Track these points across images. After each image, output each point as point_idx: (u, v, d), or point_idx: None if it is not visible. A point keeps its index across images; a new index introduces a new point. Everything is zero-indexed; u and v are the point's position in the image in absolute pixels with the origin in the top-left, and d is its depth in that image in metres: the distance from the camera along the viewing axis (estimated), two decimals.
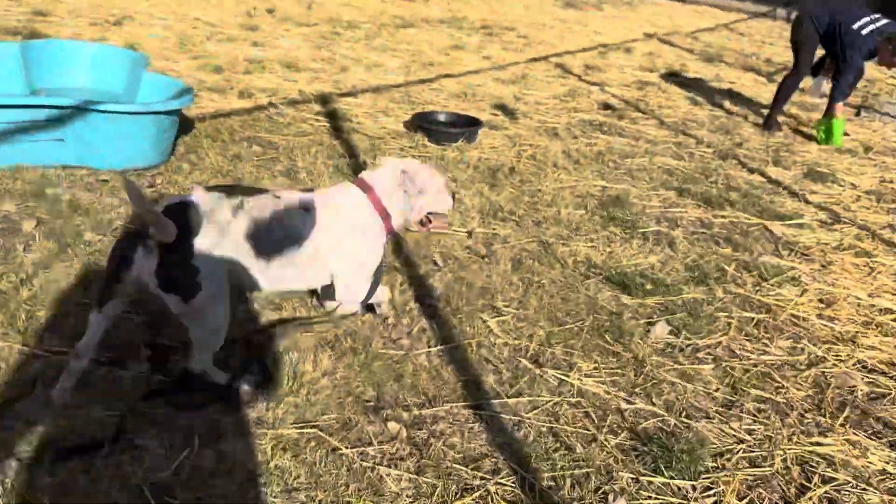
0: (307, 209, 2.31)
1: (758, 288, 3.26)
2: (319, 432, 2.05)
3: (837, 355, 2.78)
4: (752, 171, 4.92)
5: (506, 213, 3.79)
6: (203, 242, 2.02)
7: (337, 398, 2.20)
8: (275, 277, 2.25)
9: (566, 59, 8.03)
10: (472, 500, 1.89)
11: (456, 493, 1.90)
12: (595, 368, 2.54)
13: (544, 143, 5.03)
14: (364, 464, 1.96)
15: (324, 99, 5.26)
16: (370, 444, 2.04)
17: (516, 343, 2.63)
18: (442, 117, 5.05)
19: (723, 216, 4.07)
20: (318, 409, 2.14)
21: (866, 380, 2.64)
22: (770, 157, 5.28)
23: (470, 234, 3.49)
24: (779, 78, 6.35)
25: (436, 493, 1.89)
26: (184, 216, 2.00)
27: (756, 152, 5.38)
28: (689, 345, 2.75)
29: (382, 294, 2.65)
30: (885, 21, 5.58)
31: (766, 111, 6.27)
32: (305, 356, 2.35)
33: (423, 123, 4.80)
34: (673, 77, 7.80)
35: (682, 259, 3.47)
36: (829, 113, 5.82)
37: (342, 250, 2.39)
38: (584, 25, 10.72)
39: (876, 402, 2.52)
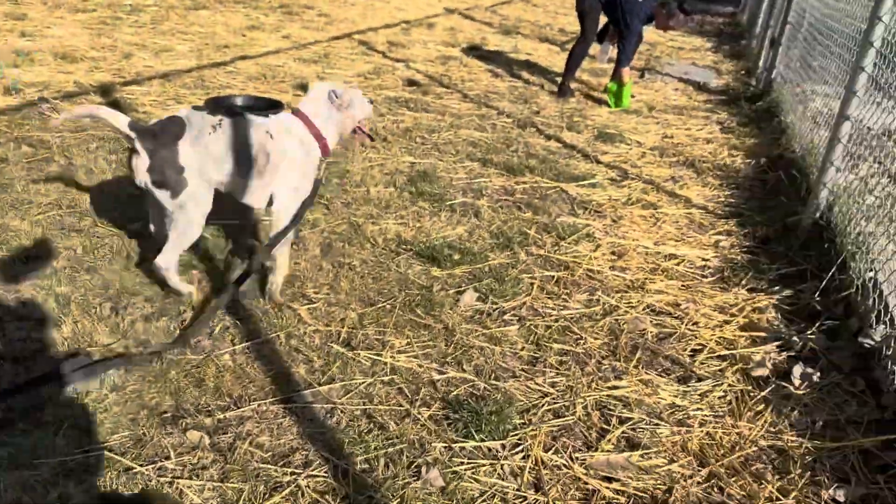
0: (270, 134, 2.64)
1: (556, 247, 3.43)
2: (109, 453, 1.88)
3: (629, 302, 2.99)
4: (548, 137, 5.16)
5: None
6: (187, 148, 2.41)
7: (129, 414, 2.03)
8: (240, 188, 2.62)
9: (369, 37, 7.98)
10: (282, 498, 1.82)
11: (264, 494, 1.83)
12: (408, 344, 2.54)
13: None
14: (162, 479, 1.83)
15: (104, 89, 4.83)
16: (168, 457, 1.90)
17: (328, 329, 2.57)
18: (239, 101, 4.80)
19: (524, 182, 4.24)
20: (107, 429, 1.96)
21: (654, 322, 2.86)
22: (565, 122, 5.58)
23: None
24: (570, 47, 6.70)
25: (242, 497, 1.80)
26: (172, 126, 2.41)
27: (552, 119, 5.66)
28: (496, 309, 2.83)
29: (282, 258, 2.73)
30: None
31: (560, 79, 6.60)
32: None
33: (217, 109, 4.53)
34: (474, 51, 7.99)
35: (488, 227, 3.58)
36: (616, 78, 6.24)
37: (286, 172, 2.69)
38: (386, 2, 10.69)
39: (664, 341, 2.75)
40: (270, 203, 2.71)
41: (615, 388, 2.42)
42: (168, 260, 2.50)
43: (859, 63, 3.27)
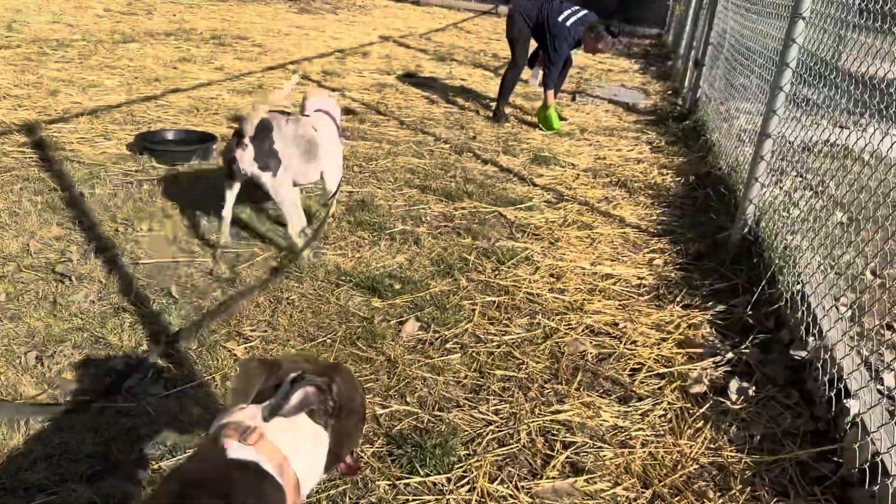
0: (315, 128, 3.41)
1: (496, 272, 3.45)
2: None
3: (569, 324, 3.03)
4: (485, 161, 5.22)
5: (249, 232, 3.63)
6: (277, 140, 3.13)
7: (52, 467, 1.94)
8: (302, 172, 3.33)
9: (304, 66, 7.95)
10: None
11: None
12: None
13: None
14: None
15: (29, 128, 4.67)
16: None
17: None
18: (171, 135, 4.72)
19: (462, 208, 4.26)
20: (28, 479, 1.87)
21: (594, 343, 2.90)
22: (501, 147, 5.65)
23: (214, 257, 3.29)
24: (503, 72, 6.82)
25: None
26: (265, 124, 3.10)
27: (488, 144, 5.72)
28: (438, 337, 2.83)
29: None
30: (584, 12, 6.23)
31: (494, 104, 6.69)
32: None
33: (148, 144, 4.44)
34: (409, 78, 8.05)
35: (428, 254, 3.58)
36: (543, 102, 6.37)
37: (330, 155, 3.52)
38: (320, 31, 10.69)
39: (604, 362, 2.78)
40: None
41: (558, 412, 2.44)
42: (297, 225, 3.29)
43: (777, 83, 3.41)
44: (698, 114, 6.60)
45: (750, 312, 3.10)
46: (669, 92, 8.54)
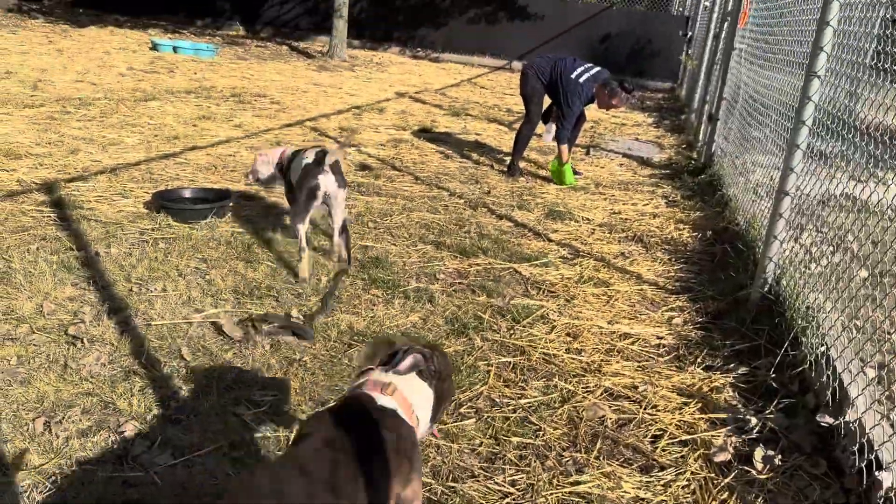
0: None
1: (512, 331, 3.39)
2: None
3: (587, 387, 2.95)
4: (500, 217, 5.21)
5: (263, 289, 3.62)
6: (342, 166, 3.88)
7: None
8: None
9: (321, 123, 8.06)
10: None
11: None
12: None
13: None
14: None
15: (49, 187, 4.73)
16: None
17: (275, 435, 2.46)
18: (187, 193, 4.76)
19: (477, 264, 4.23)
20: None
21: (613, 407, 2.82)
22: (515, 202, 5.65)
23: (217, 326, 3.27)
24: (518, 126, 6.87)
25: None
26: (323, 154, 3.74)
27: (503, 198, 5.72)
28: (452, 401, 2.76)
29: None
30: (597, 69, 6.29)
31: (509, 159, 6.73)
32: None
33: (165, 202, 4.48)
34: (425, 133, 8.13)
35: (442, 313, 3.53)
36: (558, 157, 6.39)
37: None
38: (338, 88, 10.88)
39: (624, 428, 2.70)
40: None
41: (577, 483, 2.35)
42: (343, 225, 3.92)
43: (794, 141, 3.39)
44: (714, 168, 6.58)
45: (773, 375, 3.01)
46: (684, 145, 8.55)
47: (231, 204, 4.65)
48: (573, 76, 6.19)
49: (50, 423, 2.40)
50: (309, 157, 3.82)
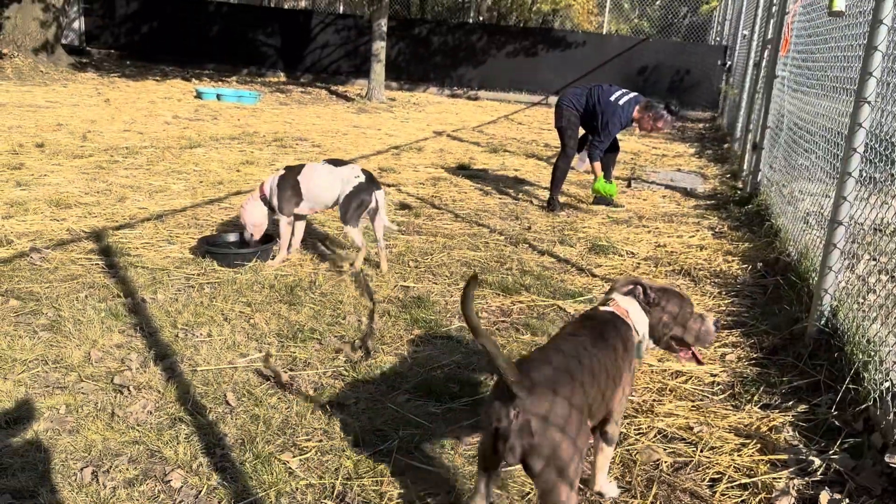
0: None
1: None
2: None
3: (639, 429, 2.85)
4: (541, 252, 5.15)
5: (307, 332, 3.61)
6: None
7: None
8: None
9: (361, 164, 8.14)
10: None
11: None
12: (405, 492, 2.39)
13: (344, 250, 4.96)
14: None
15: (97, 235, 4.84)
16: None
17: (321, 482, 2.42)
18: (232, 237, 4.83)
19: (520, 302, 4.17)
20: None
21: (668, 450, 2.71)
22: (556, 237, 5.59)
23: (267, 358, 3.27)
24: (555, 161, 6.84)
25: None
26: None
27: (544, 234, 5.67)
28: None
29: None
30: (635, 94, 6.26)
31: (548, 194, 6.69)
32: None
33: (209, 247, 4.54)
34: (463, 170, 8.16)
35: (486, 353, 3.47)
36: (594, 176, 6.38)
37: None
38: (377, 129, 11.04)
39: (680, 472, 2.59)
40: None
41: None
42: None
43: (846, 169, 3.28)
44: (760, 197, 6.44)
45: (835, 413, 2.87)
46: (728, 175, 8.41)
47: (275, 247, 4.70)
48: (612, 99, 6.17)
49: (97, 472, 2.40)
50: (318, 168, 4.52)
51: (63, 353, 3.19)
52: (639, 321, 2.34)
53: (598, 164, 6.39)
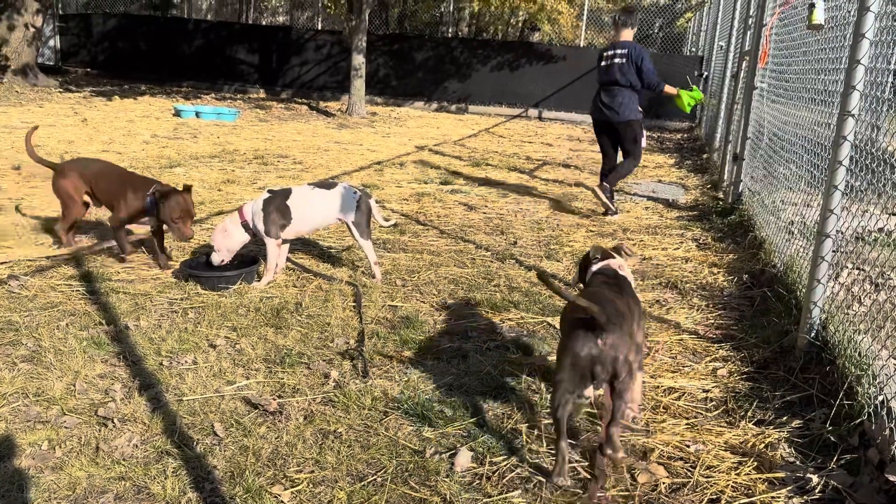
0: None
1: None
2: None
3: (635, 447, 2.82)
4: (528, 268, 5.13)
5: (294, 356, 3.55)
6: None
7: None
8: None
9: (343, 180, 8.10)
10: None
11: None
12: None
13: (329, 269, 4.90)
14: None
15: (76, 260, 4.75)
16: None
17: None
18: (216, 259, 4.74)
19: (509, 319, 4.14)
20: None
21: (666, 469, 2.68)
22: (543, 251, 5.57)
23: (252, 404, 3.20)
24: (539, 174, 6.85)
25: None
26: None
27: (530, 248, 5.66)
28: (494, 471, 2.65)
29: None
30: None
31: (534, 207, 6.68)
32: None
33: (192, 270, 4.47)
34: (446, 185, 8.14)
35: (477, 373, 3.43)
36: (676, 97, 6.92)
37: None
38: (358, 145, 11.00)
39: (678, 492, 2.56)
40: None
41: None
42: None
43: (832, 182, 3.30)
44: (743, 207, 6.48)
45: (830, 428, 2.86)
46: (709, 186, 8.47)
47: (260, 268, 4.63)
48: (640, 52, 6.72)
49: None
50: (311, 192, 4.57)
51: (44, 386, 3.11)
52: (628, 273, 3.08)
53: (668, 87, 6.85)
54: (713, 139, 9.93)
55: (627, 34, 6.83)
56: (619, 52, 6.72)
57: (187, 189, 4.63)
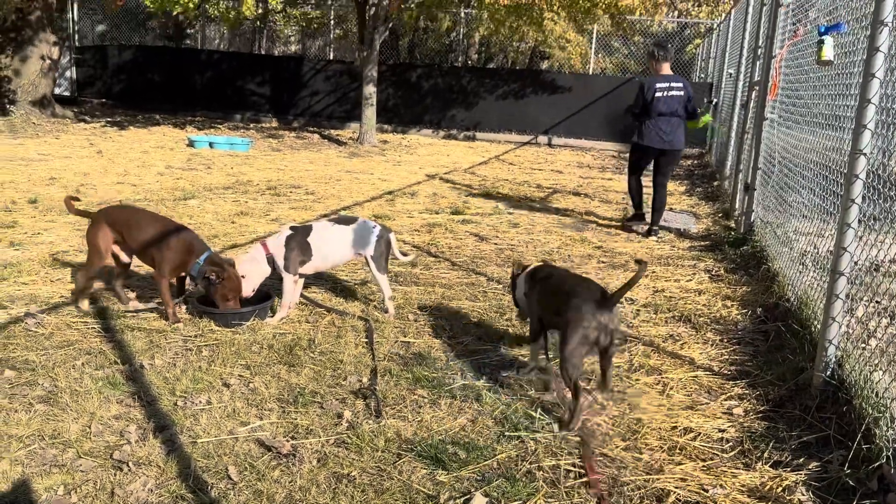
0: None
1: (564, 430, 3.26)
2: None
3: (652, 492, 2.80)
4: None
5: (307, 395, 3.55)
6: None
7: None
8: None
9: (355, 211, 8.16)
10: None
11: None
12: None
13: (341, 304, 4.92)
14: None
15: (93, 297, 4.79)
16: None
17: None
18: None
19: (523, 355, 4.13)
20: None
21: None
22: None
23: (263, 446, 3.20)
24: (551, 201, 6.88)
25: None
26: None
27: None
28: None
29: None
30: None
31: (545, 238, 6.69)
32: None
33: (205, 308, 4.49)
34: (457, 215, 8.17)
35: (491, 413, 3.42)
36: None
37: None
38: (370, 174, 11.08)
39: None
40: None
41: None
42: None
43: (845, 220, 3.29)
44: (755, 238, 6.46)
45: (847, 471, 2.83)
46: (720, 214, 8.46)
47: (272, 305, 4.66)
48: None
49: None
50: (331, 228, 4.66)
51: (60, 427, 3.12)
52: None
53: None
54: (724, 166, 9.93)
55: (667, 67, 7.49)
56: (674, 85, 7.36)
57: (231, 264, 4.51)
